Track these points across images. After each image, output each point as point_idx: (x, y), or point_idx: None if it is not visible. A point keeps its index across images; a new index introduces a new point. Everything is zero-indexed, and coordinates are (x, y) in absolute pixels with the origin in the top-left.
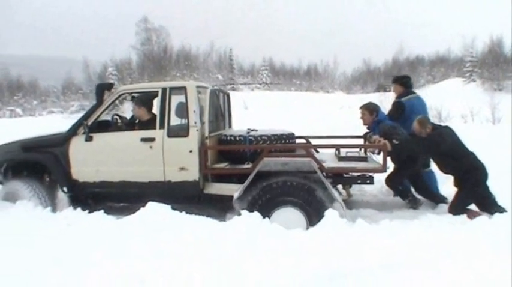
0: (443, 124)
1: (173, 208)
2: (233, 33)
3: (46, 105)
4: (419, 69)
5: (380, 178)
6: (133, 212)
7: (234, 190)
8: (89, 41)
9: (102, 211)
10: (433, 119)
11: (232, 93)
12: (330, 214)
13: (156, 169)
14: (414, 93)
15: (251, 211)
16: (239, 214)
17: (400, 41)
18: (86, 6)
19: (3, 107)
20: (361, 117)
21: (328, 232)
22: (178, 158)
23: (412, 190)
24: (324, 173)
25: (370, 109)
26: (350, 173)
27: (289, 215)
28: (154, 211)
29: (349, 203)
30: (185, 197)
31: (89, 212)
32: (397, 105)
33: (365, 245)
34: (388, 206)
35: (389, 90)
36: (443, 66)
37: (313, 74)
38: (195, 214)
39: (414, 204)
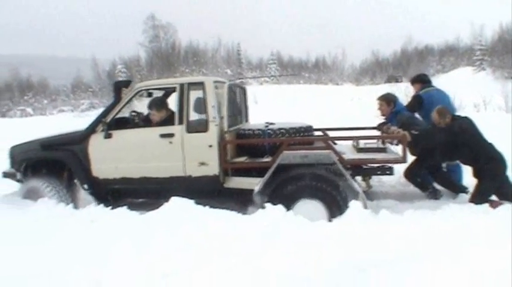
0: (461, 114)
1: (196, 202)
2: (241, 27)
3: (56, 104)
4: (428, 59)
5: (398, 169)
6: (157, 208)
7: (254, 183)
8: (97, 40)
9: (125, 207)
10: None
11: None
12: (354, 205)
13: (176, 164)
14: (432, 86)
15: (272, 204)
16: (260, 207)
17: (409, 31)
18: (93, 5)
19: (14, 107)
20: (379, 108)
21: (352, 223)
22: (198, 153)
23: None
24: (344, 165)
25: (387, 100)
26: (369, 165)
27: (310, 208)
28: (178, 206)
29: (369, 194)
30: (205, 191)
31: (112, 208)
32: (415, 98)
33: (389, 235)
34: (408, 197)
35: (401, 81)
36: (453, 55)
37: (322, 67)
38: (217, 208)
39: (434, 195)
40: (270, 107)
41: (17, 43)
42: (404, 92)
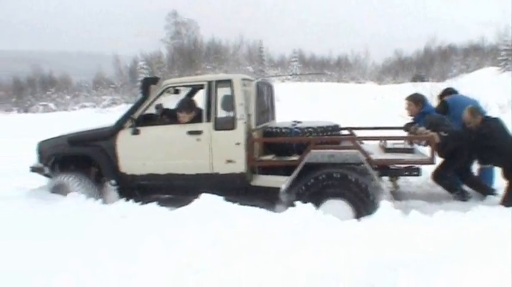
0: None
1: (226, 199)
2: (263, 24)
3: (78, 100)
4: (452, 59)
5: (424, 169)
6: (186, 204)
7: (281, 182)
8: (118, 36)
9: (155, 203)
10: None
11: None
12: (384, 205)
13: (203, 161)
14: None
15: (299, 202)
16: (288, 206)
17: (432, 30)
18: (116, 1)
19: (36, 102)
20: (407, 108)
21: (382, 223)
22: (225, 151)
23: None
24: (371, 165)
25: (416, 100)
26: (396, 165)
27: (337, 207)
28: (208, 202)
29: (397, 195)
30: (232, 189)
31: (141, 204)
32: (441, 103)
33: (420, 236)
34: (436, 197)
35: (427, 80)
36: (477, 55)
37: (344, 65)
38: (246, 205)
39: (462, 197)
40: (292, 104)
41: (39, 39)
42: (429, 91)
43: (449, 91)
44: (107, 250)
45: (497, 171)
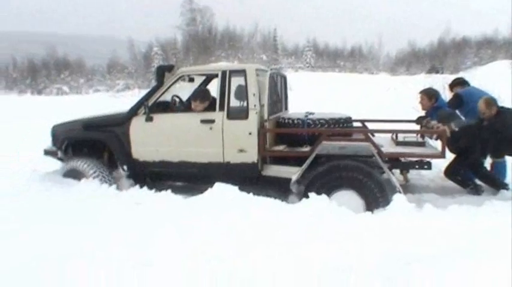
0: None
1: (240, 189)
2: (278, 13)
3: (92, 84)
4: (465, 51)
5: (436, 163)
6: (200, 192)
7: (292, 172)
8: (134, 21)
9: (169, 191)
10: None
11: None
12: (398, 199)
13: (215, 150)
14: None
15: (307, 193)
16: (299, 196)
17: (446, 22)
18: None
19: (51, 84)
20: (420, 102)
21: (396, 216)
22: (237, 140)
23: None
24: (382, 158)
25: (429, 94)
26: (407, 158)
27: (347, 199)
28: (222, 191)
29: (409, 188)
30: (243, 178)
31: (156, 191)
32: (455, 97)
33: (433, 230)
34: (448, 191)
35: (442, 73)
36: (491, 47)
37: (358, 55)
38: (259, 195)
39: (476, 192)
40: (305, 94)
41: (55, 22)
42: (441, 84)
43: (460, 81)
44: (121, 236)
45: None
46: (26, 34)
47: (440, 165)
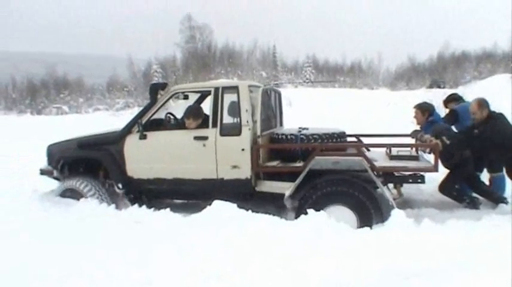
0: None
1: (239, 206)
2: (277, 29)
3: (92, 103)
4: (465, 65)
5: (435, 177)
6: (199, 210)
7: (286, 188)
8: (133, 39)
9: (168, 209)
10: None
11: None
12: (396, 214)
13: (208, 166)
14: (465, 102)
15: (301, 209)
16: (293, 211)
17: (445, 37)
18: (130, 4)
19: (50, 104)
20: (414, 117)
21: (395, 231)
22: (230, 156)
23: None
24: (375, 172)
25: (422, 109)
26: (401, 172)
27: (340, 214)
28: (220, 209)
29: (408, 202)
30: (237, 195)
31: (155, 210)
32: (451, 112)
33: (432, 245)
34: (447, 206)
35: (443, 87)
36: (490, 62)
37: (357, 71)
38: (258, 212)
39: (473, 206)
40: (305, 110)
41: (54, 41)
42: (441, 98)
43: (454, 97)
44: (120, 255)
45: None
46: (25, 54)
47: (439, 179)
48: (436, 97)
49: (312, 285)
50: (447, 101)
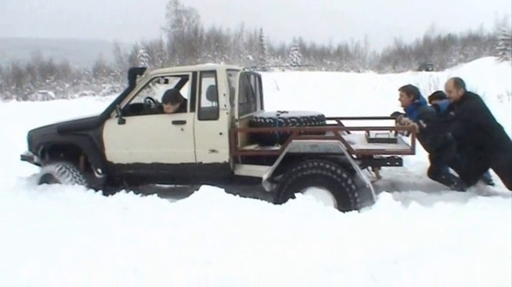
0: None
1: (227, 191)
2: (263, 13)
3: (78, 88)
4: (451, 48)
5: (422, 159)
6: (186, 195)
7: (264, 171)
8: (119, 24)
9: (155, 195)
10: None
11: (263, 74)
12: (384, 197)
13: (187, 151)
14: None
15: (279, 192)
16: (274, 195)
17: (432, 20)
18: None
19: (36, 90)
20: (399, 99)
21: (383, 214)
22: (208, 141)
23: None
24: (354, 155)
25: (408, 91)
26: (379, 155)
27: (318, 197)
28: (208, 194)
29: (396, 185)
30: (216, 178)
31: (142, 196)
32: (433, 106)
33: (420, 228)
34: (435, 188)
35: (431, 70)
36: (476, 44)
37: (344, 54)
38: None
39: (460, 188)
40: (292, 93)
41: (40, 26)
42: (428, 81)
43: (439, 95)
44: (108, 242)
45: None
46: (10, 39)
47: (426, 162)
48: (423, 80)
49: (299, 269)
50: (432, 98)
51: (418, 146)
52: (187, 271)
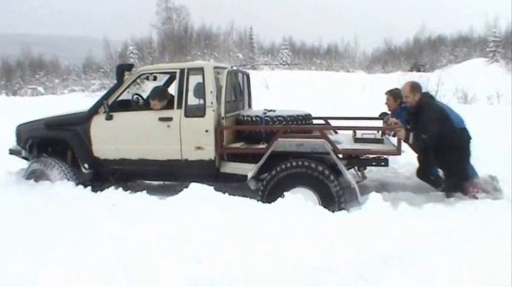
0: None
1: (216, 189)
2: (254, 11)
3: (68, 84)
4: (441, 49)
5: (412, 160)
6: (175, 193)
7: (249, 169)
8: (109, 20)
9: (145, 191)
10: (459, 100)
11: (253, 73)
12: (373, 197)
13: (173, 147)
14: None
15: (265, 190)
16: (260, 194)
17: (422, 20)
18: None
19: (25, 85)
20: (386, 103)
21: (372, 215)
22: (194, 138)
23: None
24: (340, 155)
25: (394, 96)
26: (365, 155)
27: (296, 196)
28: (197, 191)
29: (386, 186)
30: (201, 175)
31: (131, 193)
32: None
33: (410, 229)
34: (424, 189)
35: (423, 71)
36: (466, 46)
37: (334, 53)
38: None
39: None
40: (281, 92)
41: (29, 22)
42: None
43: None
44: (97, 238)
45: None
46: (0, 36)
47: (415, 163)
48: (415, 79)
49: (288, 267)
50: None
51: (408, 148)
52: (177, 269)
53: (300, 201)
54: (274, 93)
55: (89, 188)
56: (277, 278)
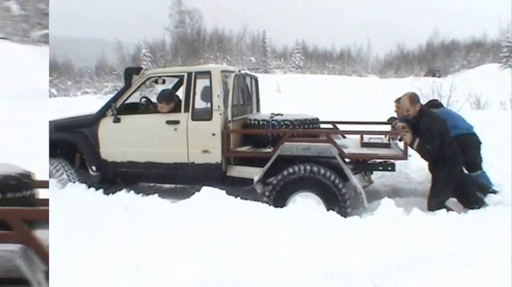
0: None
1: (228, 193)
2: (267, 15)
3: (80, 86)
4: (454, 54)
5: (423, 166)
6: (188, 196)
7: (255, 173)
8: (122, 23)
9: (156, 195)
10: (472, 106)
11: (265, 76)
12: (385, 203)
13: (180, 150)
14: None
15: (270, 194)
16: (263, 196)
17: (435, 25)
18: None
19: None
20: (395, 111)
21: (384, 220)
22: (201, 141)
23: None
24: (346, 160)
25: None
26: (372, 160)
27: (308, 201)
28: (209, 195)
29: (398, 191)
30: (208, 179)
31: (142, 196)
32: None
33: (422, 235)
34: None
35: (439, 76)
36: (479, 51)
37: (347, 58)
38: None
39: None
40: (294, 96)
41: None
42: (430, 87)
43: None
44: (108, 241)
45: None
46: None
47: (427, 168)
48: (425, 86)
49: (300, 272)
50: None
51: (414, 153)
52: (188, 271)
53: (311, 205)
54: (286, 97)
55: (101, 190)
56: (288, 283)
